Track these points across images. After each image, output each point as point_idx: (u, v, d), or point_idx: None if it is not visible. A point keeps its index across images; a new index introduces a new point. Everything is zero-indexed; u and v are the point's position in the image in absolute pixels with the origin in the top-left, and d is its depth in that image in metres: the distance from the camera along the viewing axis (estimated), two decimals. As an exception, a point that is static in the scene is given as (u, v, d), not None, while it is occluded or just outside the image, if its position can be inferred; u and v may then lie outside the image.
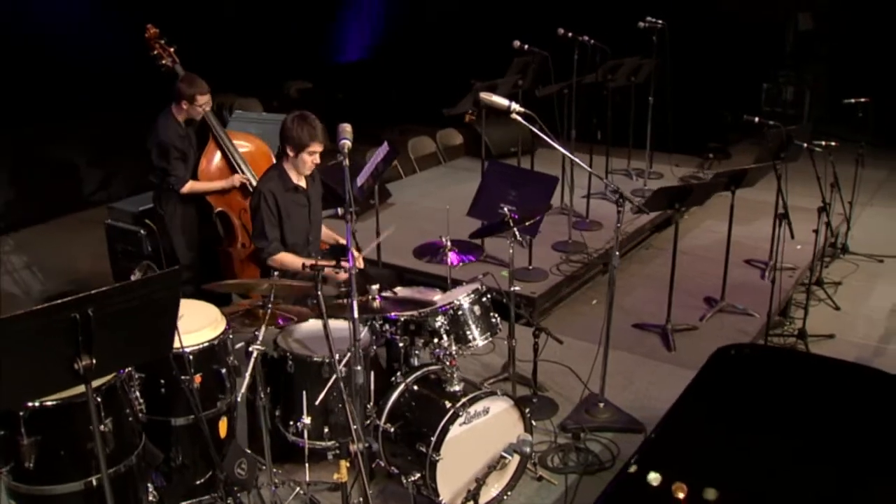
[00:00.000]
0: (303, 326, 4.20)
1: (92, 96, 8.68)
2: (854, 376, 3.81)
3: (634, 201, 4.44)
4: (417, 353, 4.31)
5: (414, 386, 4.02)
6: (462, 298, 4.15)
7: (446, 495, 3.79)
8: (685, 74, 9.38)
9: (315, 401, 3.98)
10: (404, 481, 3.82)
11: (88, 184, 8.46)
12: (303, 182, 4.60)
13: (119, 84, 8.64)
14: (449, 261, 4.53)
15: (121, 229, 5.71)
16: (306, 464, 4.03)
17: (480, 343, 4.17)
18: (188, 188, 5.23)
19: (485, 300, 4.24)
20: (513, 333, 4.49)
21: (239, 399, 3.67)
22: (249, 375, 3.42)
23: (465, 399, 3.79)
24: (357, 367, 3.29)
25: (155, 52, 5.35)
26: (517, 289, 4.42)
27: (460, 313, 4.15)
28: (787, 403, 3.55)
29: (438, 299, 4.23)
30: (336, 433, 4.05)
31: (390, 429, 3.95)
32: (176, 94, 5.19)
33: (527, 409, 4.01)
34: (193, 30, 5.48)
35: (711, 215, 7.94)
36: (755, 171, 5.79)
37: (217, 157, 5.37)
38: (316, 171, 4.68)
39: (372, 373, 3.99)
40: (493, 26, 12.14)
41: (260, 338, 3.63)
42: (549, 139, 4.19)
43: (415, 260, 5.26)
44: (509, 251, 4.39)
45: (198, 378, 3.36)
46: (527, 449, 3.70)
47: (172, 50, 5.37)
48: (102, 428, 2.70)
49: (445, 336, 4.04)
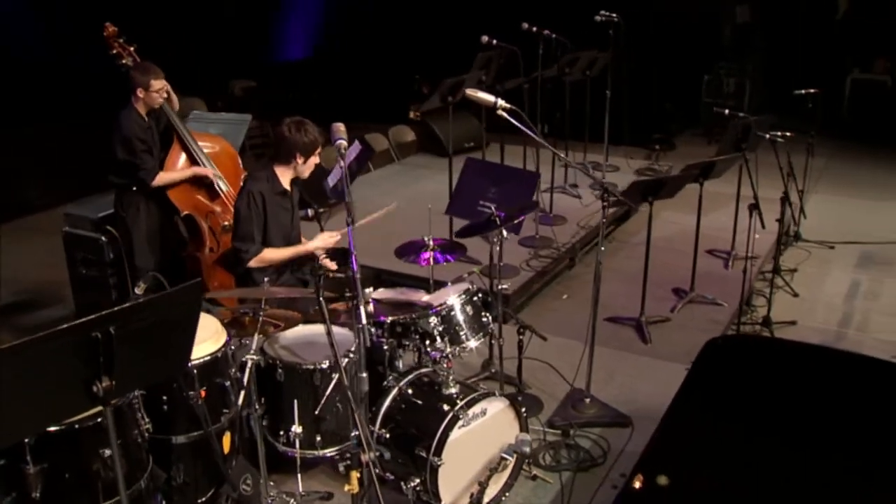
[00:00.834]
0: (288, 333, 4.07)
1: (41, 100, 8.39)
2: (847, 364, 3.86)
3: (619, 196, 4.43)
4: (402, 356, 4.25)
5: (408, 390, 3.94)
6: (453, 299, 4.08)
7: (447, 499, 3.73)
8: (632, 68, 9.50)
9: (306, 409, 3.87)
10: (403, 487, 3.74)
11: (33, 189, 8.11)
12: (288, 187, 4.48)
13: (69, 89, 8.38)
14: (431, 261, 4.44)
15: (79, 236, 5.46)
16: (298, 474, 3.93)
17: (474, 344, 4.10)
18: (159, 180, 5.04)
19: (476, 300, 4.18)
20: (500, 332, 4.44)
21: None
22: (245, 386, 3.29)
23: (464, 401, 3.74)
24: (363, 374, 3.19)
25: (114, 52, 5.14)
26: (505, 286, 4.37)
27: (453, 314, 4.08)
28: (787, 394, 3.57)
29: (428, 300, 4.16)
30: (328, 441, 3.95)
31: (385, 434, 3.87)
32: (131, 85, 5.00)
33: (523, 409, 3.97)
34: (134, 30, 5.27)
35: (668, 206, 7.98)
36: (723, 162, 5.87)
37: (182, 159, 5.18)
38: (299, 179, 4.57)
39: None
40: (440, 21, 12.11)
41: (253, 347, 3.50)
42: (534, 135, 4.15)
43: (390, 260, 5.15)
44: (495, 249, 4.34)
45: (202, 392, 3.22)
46: (526, 449, 3.67)
47: (133, 49, 5.16)
48: (110, 451, 2.54)
49: (439, 338, 3.97)
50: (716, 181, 6.36)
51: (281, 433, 3.91)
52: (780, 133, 6.45)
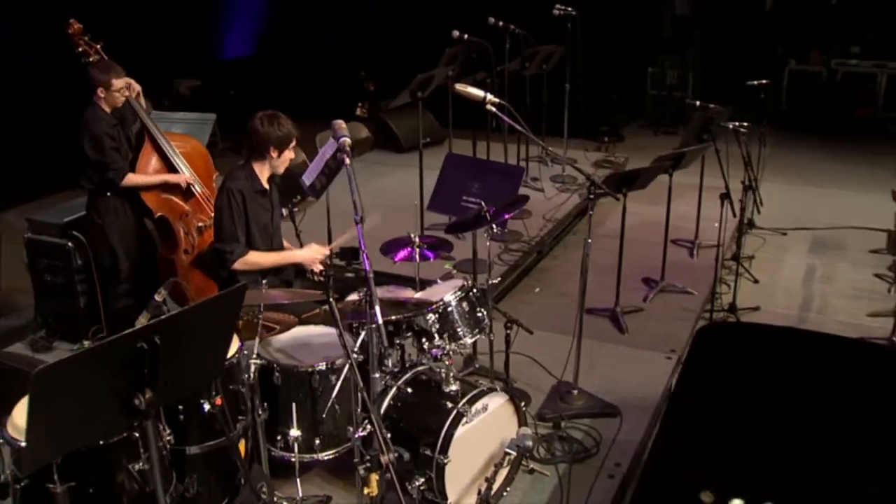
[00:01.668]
0: (281, 336, 4.00)
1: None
2: (834, 347, 3.98)
3: (606, 188, 4.47)
4: (390, 354, 4.20)
5: (407, 388, 3.91)
6: (450, 296, 4.06)
7: (453, 497, 3.71)
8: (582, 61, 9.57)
9: (304, 412, 3.81)
10: (408, 487, 3.70)
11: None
12: (267, 185, 4.38)
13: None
14: (417, 258, 4.41)
15: (44, 243, 5.26)
16: (298, 479, 3.87)
17: (470, 340, 4.10)
18: (128, 181, 4.88)
19: (471, 296, 4.16)
20: (491, 327, 4.44)
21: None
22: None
23: (467, 398, 3.72)
24: (375, 375, 3.15)
25: (80, 50, 4.95)
26: (495, 281, 4.37)
27: (450, 311, 4.05)
28: (781, 376, 3.65)
29: (421, 297, 4.13)
30: (327, 445, 3.91)
31: (386, 434, 3.82)
32: (91, 84, 4.83)
33: (522, 403, 3.98)
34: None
35: (629, 198, 8.13)
36: (692, 153, 5.97)
37: (154, 160, 5.02)
38: (276, 177, 4.47)
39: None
40: (386, 17, 12.08)
41: (255, 350, 3.43)
42: (523, 129, 4.16)
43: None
44: (486, 244, 4.33)
45: (218, 400, 3.12)
46: (529, 443, 3.66)
47: (99, 46, 4.98)
48: (141, 466, 2.45)
49: (437, 335, 3.94)
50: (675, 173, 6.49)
51: (278, 437, 3.85)
52: (740, 124, 6.61)
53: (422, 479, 3.69)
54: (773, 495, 2.71)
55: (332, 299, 3.08)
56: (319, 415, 3.82)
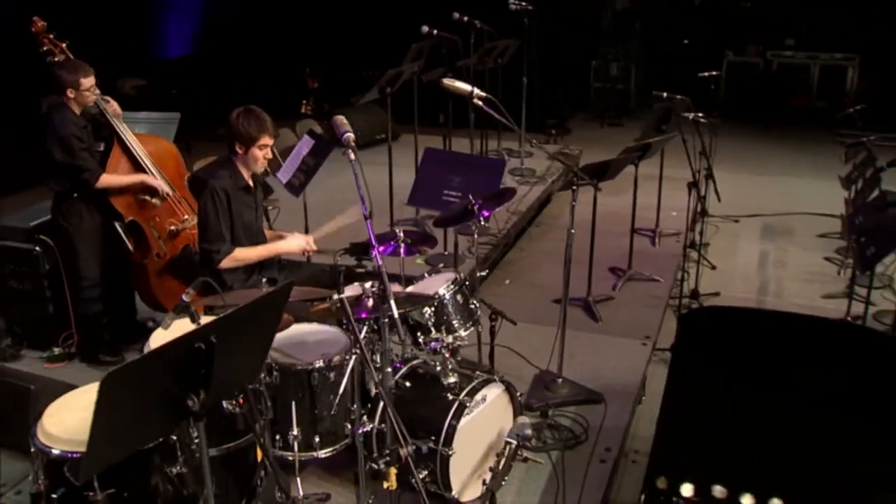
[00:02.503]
0: (277, 335, 3.95)
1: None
2: (816, 329, 4.12)
3: (588, 179, 4.54)
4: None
5: (405, 383, 3.92)
6: (443, 289, 4.08)
7: (457, 488, 3.74)
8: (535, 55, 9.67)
9: (303, 410, 3.79)
10: (412, 480, 3.71)
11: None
12: (251, 182, 4.33)
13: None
14: (402, 254, 4.42)
15: (9, 248, 5.09)
16: (297, 477, 3.84)
17: (464, 332, 4.13)
18: (103, 182, 4.75)
19: (464, 289, 4.19)
20: (478, 320, 4.47)
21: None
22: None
23: (467, 390, 3.76)
24: (388, 370, 3.16)
25: (45, 48, 4.80)
26: (483, 274, 4.41)
27: (444, 304, 4.08)
28: (768, 357, 3.76)
29: (412, 292, 4.14)
30: (326, 442, 3.89)
31: (386, 429, 3.82)
32: (59, 85, 4.69)
33: (518, 393, 4.03)
34: (21, 32, 4.96)
35: (586, 189, 8.26)
36: (658, 143, 6.11)
37: (123, 162, 4.90)
38: (260, 177, 4.42)
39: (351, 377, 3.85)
40: (329, 14, 12.01)
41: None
42: (509, 123, 4.20)
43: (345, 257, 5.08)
44: (474, 237, 4.37)
45: (241, 400, 3.08)
46: (528, 431, 3.71)
47: (64, 45, 4.84)
48: (179, 469, 2.41)
49: (434, 329, 3.96)
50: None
51: (277, 437, 3.81)
52: (698, 114, 6.79)
53: (425, 472, 3.70)
54: (782, 482, 2.78)
55: (343, 295, 3.07)
56: (319, 412, 3.80)
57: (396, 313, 2.98)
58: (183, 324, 2.78)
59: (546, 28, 10.82)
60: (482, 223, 4.25)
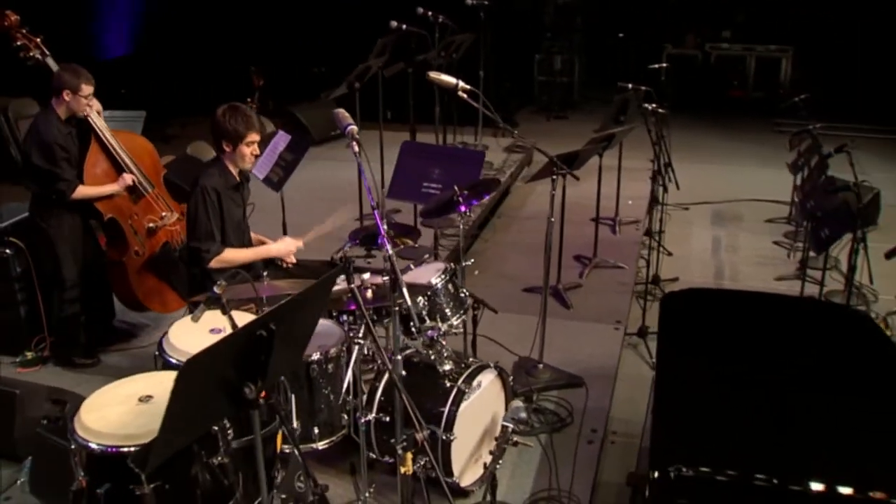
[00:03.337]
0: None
1: None
2: (788, 306, 4.34)
3: (568, 169, 4.68)
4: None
5: (402, 372, 3.97)
6: (436, 279, 4.16)
7: (457, 473, 3.83)
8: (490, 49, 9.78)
9: (302, 403, 3.82)
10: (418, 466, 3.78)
11: None
12: (238, 180, 4.34)
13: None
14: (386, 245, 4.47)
15: (-22, 251, 4.98)
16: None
17: (456, 321, 4.21)
18: (78, 194, 4.68)
19: (454, 278, 4.28)
20: (469, 308, 4.55)
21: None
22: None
23: (464, 376, 3.84)
24: (398, 357, 3.23)
25: (18, 44, 4.70)
26: (469, 263, 4.51)
27: (437, 293, 4.15)
28: (755, 339, 3.92)
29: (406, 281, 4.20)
30: (324, 434, 3.93)
31: (384, 418, 3.89)
32: (56, 86, 4.63)
33: (510, 378, 4.14)
34: None
35: (541, 182, 8.43)
36: (621, 133, 6.29)
37: (102, 160, 4.84)
38: (246, 173, 4.43)
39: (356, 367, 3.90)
40: (271, 11, 11.94)
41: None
42: (492, 115, 4.30)
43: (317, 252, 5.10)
44: (460, 227, 4.46)
45: (263, 392, 3.08)
46: (523, 415, 3.85)
47: (39, 40, 4.75)
48: (219, 460, 2.43)
49: (428, 318, 4.03)
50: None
51: (277, 430, 3.84)
52: (655, 105, 6.99)
53: (424, 459, 3.77)
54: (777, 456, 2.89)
55: (355, 286, 3.13)
56: (317, 404, 3.84)
57: (409, 301, 3.04)
58: (213, 315, 2.81)
59: (494, 22, 10.95)
60: (468, 214, 4.33)
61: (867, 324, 4.00)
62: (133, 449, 2.36)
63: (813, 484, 2.70)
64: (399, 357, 3.24)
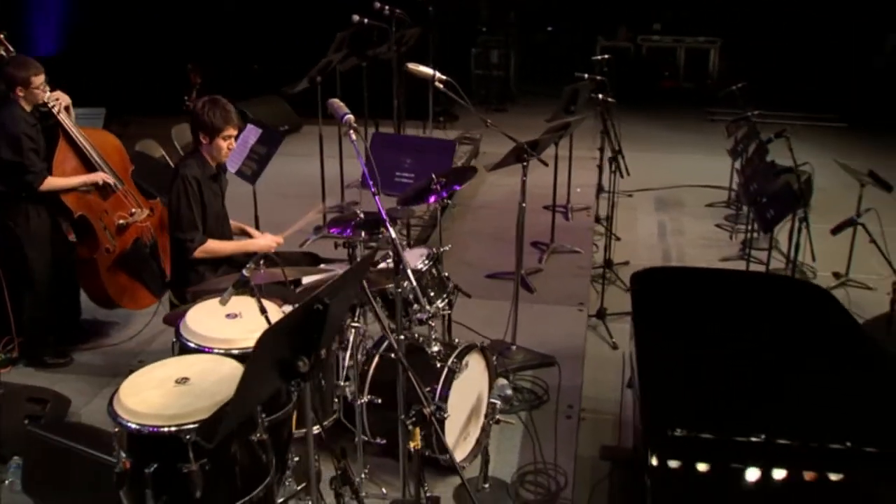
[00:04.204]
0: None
1: None
2: (749, 281, 4.60)
3: (536, 156, 4.84)
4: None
5: (390, 355, 4.08)
6: (420, 264, 4.27)
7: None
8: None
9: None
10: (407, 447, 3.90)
11: None
12: (216, 171, 4.37)
13: None
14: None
15: (-59, 253, 4.86)
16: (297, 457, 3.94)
17: (441, 304, 4.33)
18: (47, 185, 4.64)
19: (437, 263, 4.40)
20: (451, 291, 4.67)
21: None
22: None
23: (454, 356, 3.97)
24: (401, 337, 3.35)
25: (-21, 41, 4.63)
26: (446, 248, 4.64)
27: (423, 278, 4.26)
28: (715, 309, 4.17)
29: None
30: (319, 416, 4.01)
31: (377, 400, 3.98)
32: (8, 82, 4.57)
33: (494, 357, 4.29)
34: None
35: (494, 172, 8.62)
36: (575, 122, 6.48)
37: (70, 157, 4.79)
38: (224, 164, 4.46)
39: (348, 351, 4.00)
40: (206, 8, 11.83)
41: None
42: (468, 106, 4.43)
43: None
44: (430, 216, 4.58)
45: None
46: (509, 392, 4.02)
47: (2, 36, 4.67)
48: (259, 436, 2.49)
49: (416, 303, 4.14)
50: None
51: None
52: (605, 95, 7.22)
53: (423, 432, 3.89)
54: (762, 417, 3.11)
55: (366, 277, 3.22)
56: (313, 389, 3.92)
57: (415, 283, 3.15)
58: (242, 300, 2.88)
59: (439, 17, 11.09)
60: (447, 201, 4.45)
61: (823, 295, 4.27)
62: (177, 428, 2.41)
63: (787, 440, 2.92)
64: (402, 337, 3.35)
